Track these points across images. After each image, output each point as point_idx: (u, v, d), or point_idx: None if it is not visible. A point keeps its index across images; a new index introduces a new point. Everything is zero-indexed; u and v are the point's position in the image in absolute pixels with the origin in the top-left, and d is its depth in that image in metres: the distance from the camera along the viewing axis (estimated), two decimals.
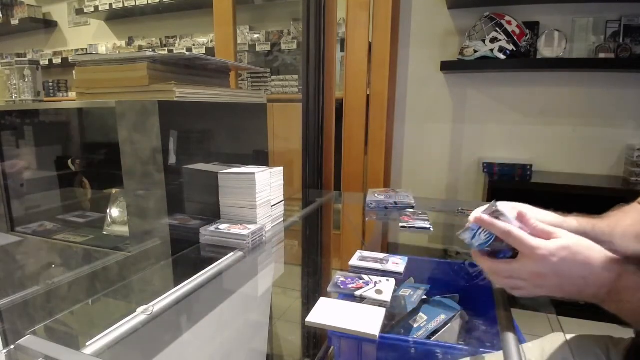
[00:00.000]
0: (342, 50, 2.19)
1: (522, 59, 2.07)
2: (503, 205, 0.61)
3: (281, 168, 1.15)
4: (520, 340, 0.63)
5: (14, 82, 1.40)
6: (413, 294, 0.91)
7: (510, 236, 0.55)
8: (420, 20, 2.33)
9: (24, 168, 1.33)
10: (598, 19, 2.02)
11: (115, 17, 3.59)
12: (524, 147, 2.25)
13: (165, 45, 3.42)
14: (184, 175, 1.00)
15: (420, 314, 0.86)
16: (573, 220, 0.65)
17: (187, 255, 0.97)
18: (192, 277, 0.80)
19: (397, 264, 0.90)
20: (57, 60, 3.74)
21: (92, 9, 3.39)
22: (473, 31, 2.11)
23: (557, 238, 0.54)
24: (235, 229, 0.98)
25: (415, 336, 0.80)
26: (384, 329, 0.66)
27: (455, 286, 0.99)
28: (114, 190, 1.29)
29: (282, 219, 1.18)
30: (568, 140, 2.17)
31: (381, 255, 0.95)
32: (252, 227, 1.00)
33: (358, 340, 0.66)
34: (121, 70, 0.96)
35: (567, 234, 0.55)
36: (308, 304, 0.77)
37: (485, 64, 2.07)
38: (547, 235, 0.55)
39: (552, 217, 0.66)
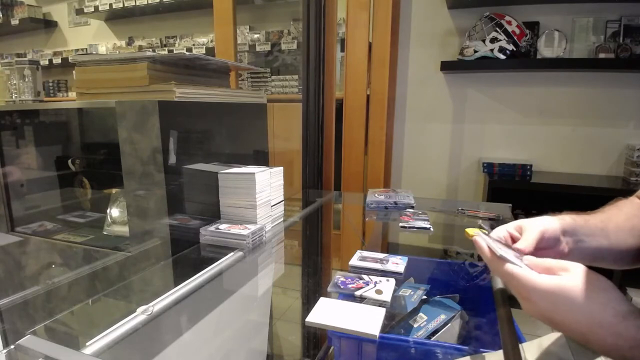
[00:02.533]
0: (342, 50, 2.19)
1: (522, 59, 2.07)
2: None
3: (281, 168, 1.15)
4: (520, 340, 0.63)
5: (14, 82, 1.40)
6: (413, 294, 0.91)
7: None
8: (420, 20, 2.33)
9: (19, 176, 1.33)
10: (598, 19, 2.02)
11: (115, 17, 3.59)
12: (523, 147, 2.25)
13: (165, 45, 3.43)
14: (184, 175, 1.00)
15: (420, 314, 0.86)
16: (566, 217, 0.62)
17: (187, 255, 0.97)
18: (192, 277, 0.80)
19: (397, 264, 0.91)
20: (57, 60, 3.74)
21: (92, 9, 3.40)
22: (473, 31, 2.11)
23: (562, 274, 0.45)
24: (235, 229, 0.98)
25: (415, 336, 0.80)
26: (384, 329, 0.66)
27: (455, 286, 0.99)
28: (114, 190, 1.29)
29: (282, 219, 1.18)
30: (568, 140, 2.17)
31: (381, 255, 0.95)
32: (252, 227, 1.00)
33: (358, 340, 0.66)
34: (121, 70, 0.96)
35: (581, 270, 0.45)
36: (308, 304, 0.77)
37: (485, 64, 2.07)
38: (558, 268, 0.46)
39: (546, 221, 0.62)
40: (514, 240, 0.62)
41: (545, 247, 0.60)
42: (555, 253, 0.61)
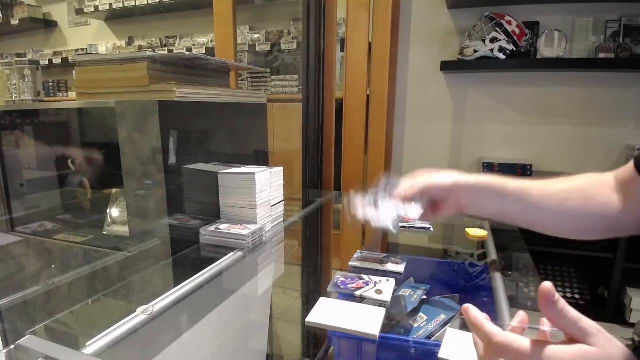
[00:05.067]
0: (342, 50, 2.19)
1: (522, 59, 2.07)
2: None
3: (281, 168, 1.15)
4: None
5: (14, 82, 1.40)
6: (413, 294, 0.91)
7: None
8: (420, 20, 2.34)
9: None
10: (598, 19, 2.02)
11: (115, 17, 3.59)
12: (523, 147, 2.25)
13: (165, 45, 3.43)
14: (184, 175, 1.00)
15: (420, 314, 0.86)
16: (484, 177, 0.69)
17: (187, 255, 0.97)
18: (192, 277, 0.80)
19: (397, 264, 0.91)
20: (57, 60, 3.74)
21: (92, 9, 3.40)
22: (473, 31, 2.11)
23: (587, 344, 0.38)
24: (235, 229, 0.98)
25: (415, 336, 0.80)
26: (384, 329, 0.66)
27: (455, 286, 0.99)
28: (114, 190, 1.29)
29: (282, 219, 1.18)
30: (568, 140, 2.17)
31: (381, 255, 0.95)
32: (252, 227, 1.00)
33: (358, 340, 0.66)
34: (121, 70, 0.96)
35: (604, 337, 0.38)
36: (308, 304, 0.77)
37: (485, 64, 2.07)
38: (580, 333, 0.38)
39: (440, 177, 0.72)
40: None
41: (436, 200, 0.74)
42: (449, 207, 0.74)
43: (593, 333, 0.38)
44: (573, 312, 0.38)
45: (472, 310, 0.44)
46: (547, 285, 0.38)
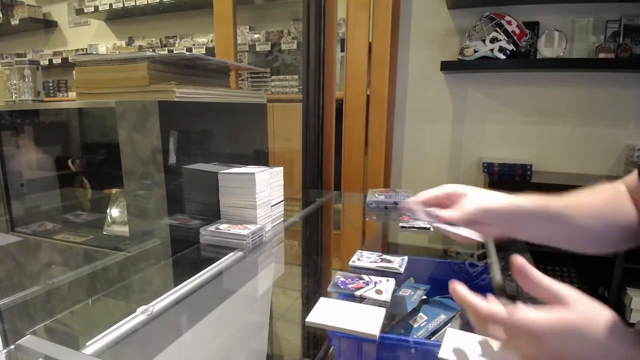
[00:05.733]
0: (342, 50, 2.19)
1: (522, 59, 2.07)
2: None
3: (281, 168, 1.15)
4: None
5: (14, 82, 1.40)
6: (413, 294, 0.91)
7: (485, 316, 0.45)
8: (420, 20, 2.33)
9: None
10: (598, 19, 2.02)
11: (115, 17, 3.59)
12: (523, 147, 2.25)
13: (165, 45, 3.43)
14: (184, 175, 1.00)
15: (420, 314, 0.86)
16: (525, 199, 0.61)
17: (187, 255, 0.97)
18: (192, 277, 0.80)
19: (397, 264, 0.90)
20: (57, 60, 3.74)
21: (92, 9, 3.40)
22: (473, 31, 2.11)
23: (564, 308, 0.40)
24: (235, 229, 0.98)
25: (415, 336, 0.80)
26: (384, 329, 0.66)
27: None
28: (114, 190, 1.29)
29: (282, 219, 1.18)
30: (568, 140, 2.17)
31: (381, 256, 0.95)
32: (252, 227, 1.00)
33: (358, 340, 0.66)
34: (121, 70, 0.96)
35: (581, 301, 0.40)
36: (308, 304, 0.77)
37: (485, 64, 2.07)
38: (554, 300, 0.41)
39: (502, 198, 0.62)
40: (442, 207, 0.64)
41: (483, 223, 0.61)
42: (491, 231, 0.62)
43: (571, 299, 0.40)
44: (548, 280, 0.41)
45: (458, 288, 0.49)
46: (519, 258, 0.41)
